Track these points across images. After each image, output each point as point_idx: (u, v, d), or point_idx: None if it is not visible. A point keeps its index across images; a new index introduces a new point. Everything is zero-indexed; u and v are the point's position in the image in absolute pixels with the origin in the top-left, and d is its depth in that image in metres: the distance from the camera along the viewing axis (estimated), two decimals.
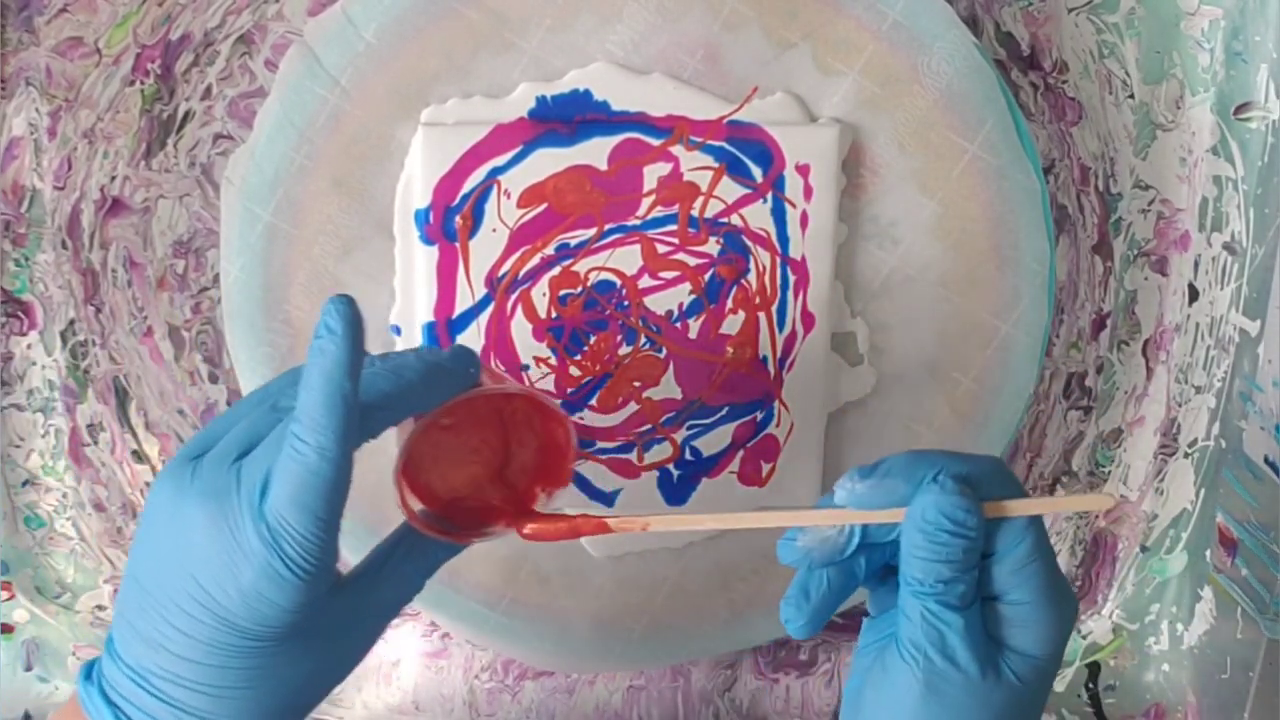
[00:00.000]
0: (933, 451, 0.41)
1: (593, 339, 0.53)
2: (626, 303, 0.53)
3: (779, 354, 0.54)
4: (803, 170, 0.52)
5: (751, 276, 0.53)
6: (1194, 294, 0.58)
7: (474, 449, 0.46)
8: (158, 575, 0.39)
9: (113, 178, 0.54)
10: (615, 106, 0.51)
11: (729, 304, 0.53)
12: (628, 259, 0.52)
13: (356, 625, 0.42)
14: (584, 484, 0.55)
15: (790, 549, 0.40)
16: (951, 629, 0.38)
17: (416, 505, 0.43)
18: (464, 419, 0.45)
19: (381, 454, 0.55)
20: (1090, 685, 0.63)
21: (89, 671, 0.41)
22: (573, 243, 0.52)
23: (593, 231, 0.52)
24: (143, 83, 0.53)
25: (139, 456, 0.57)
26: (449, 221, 0.51)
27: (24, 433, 0.57)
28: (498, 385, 0.43)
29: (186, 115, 0.54)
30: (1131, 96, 0.56)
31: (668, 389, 0.54)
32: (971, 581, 0.39)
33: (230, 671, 0.39)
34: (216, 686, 0.39)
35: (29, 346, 0.56)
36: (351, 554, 0.56)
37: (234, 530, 0.38)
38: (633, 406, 0.54)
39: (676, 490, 0.55)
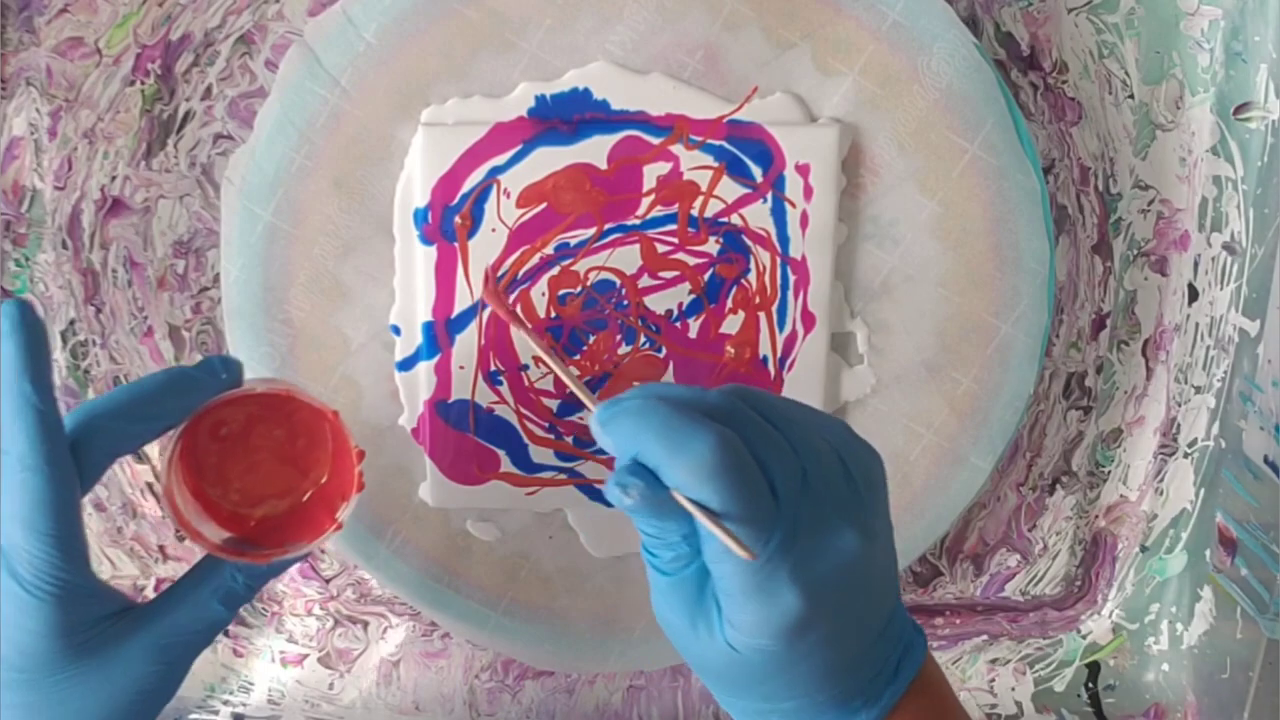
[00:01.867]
0: (650, 416, 0.35)
1: (592, 339, 0.53)
2: (626, 302, 0.53)
3: (779, 354, 0.54)
4: (803, 170, 0.52)
5: (751, 276, 0.53)
6: (1194, 294, 0.58)
7: (252, 456, 0.46)
8: None
9: (113, 178, 0.54)
10: (615, 106, 0.51)
11: (729, 304, 0.53)
12: (627, 259, 0.52)
13: (148, 654, 0.40)
14: (585, 485, 0.55)
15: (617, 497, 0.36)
16: (655, 589, 0.38)
17: (206, 528, 0.43)
18: (232, 429, 0.45)
19: (381, 454, 0.55)
20: (1090, 685, 0.63)
21: None
22: (572, 242, 0.52)
23: (592, 231, 0.52)
24: (143, 83, 0.53)
25: (139, 456, 0.57)
26: (447, 221, 0.51)
27: None
28: (249, 386, 0.43)
29: (187, 115, 0.54)
30: (1131, 96, 0.56)
31: None
32: (674, 553, 0.37)
33: (12, 709, 0.38)
34: None
35: None
36: (356, 555, 0.56)
37: None
38: None
39: None
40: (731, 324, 0.53)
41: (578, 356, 0.53)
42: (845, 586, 0.36)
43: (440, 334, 0.53)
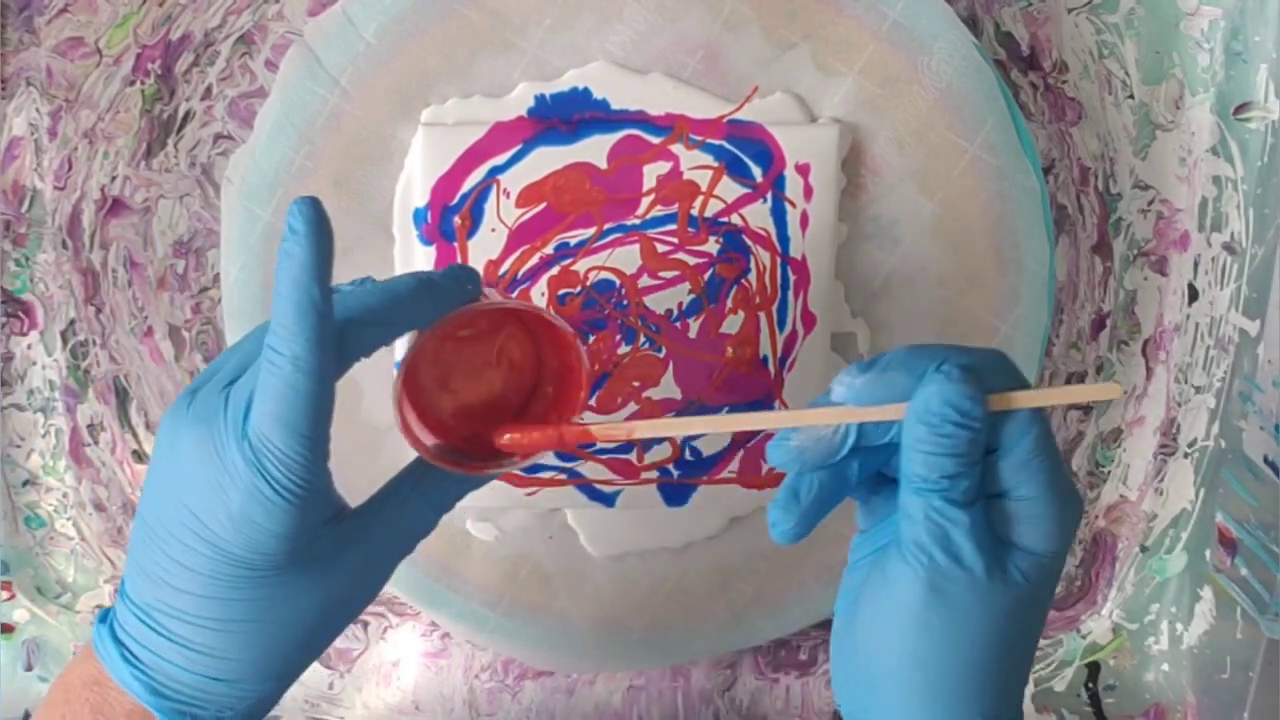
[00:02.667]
0: (932, 345, 0.38)
1: (591, 339, 0.53)
2: (626, 302, 0.53)
3: (779, 354, 0.54)
4: (803, 170, 0.52)
5: (752, 276, 0.53)
6: (1194, 294, 0.58)
7: (480, 371, 0.44)
8: (157, 508, 0.39)
9: (113, 178, 0.54)
10: (615, 105, 0.51)
11: (729, 304, 0.53)
12: (627, 258, 0.52)
13: (363, 559, 0.40)
14: (584, 485, 0.55)
15: (783, 449, 0.38)
16: (956, 526, 0.36)
17: (423, 435, 0.42)
18: (466, 339, 0.44)
19: (380, 454, 0.55)
20: (1090, 685, 0.63)
21: (104, 615, 0.41)
22: (572, 242, 0.52)
23: (592, 231, 0.52)
24: (143, 83, 0.53)
25: (139, 456, 0.57)
26: (446, 221, 0.51)
27: (24, 432, 0.57)
28: (499, 300, 0.42)
29: (187, 115, 0.54)
30: (1131, 96, 0.56)
31: (667, 389, 0.54)
32: (976, 476, 0.36)
33: (231, 604, 0.38)
34: (218, 620, 0.38)
35: (29, 346, 0.56)
36: None
37: (220, 453, 0.37)
38: (632, 406, 0.54)
39: (677, 492, 0.55)
40: (731, 324, 0.53)
41: None
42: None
43: None
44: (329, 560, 0.39)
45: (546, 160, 0.51)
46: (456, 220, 0.51)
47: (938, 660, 0.37)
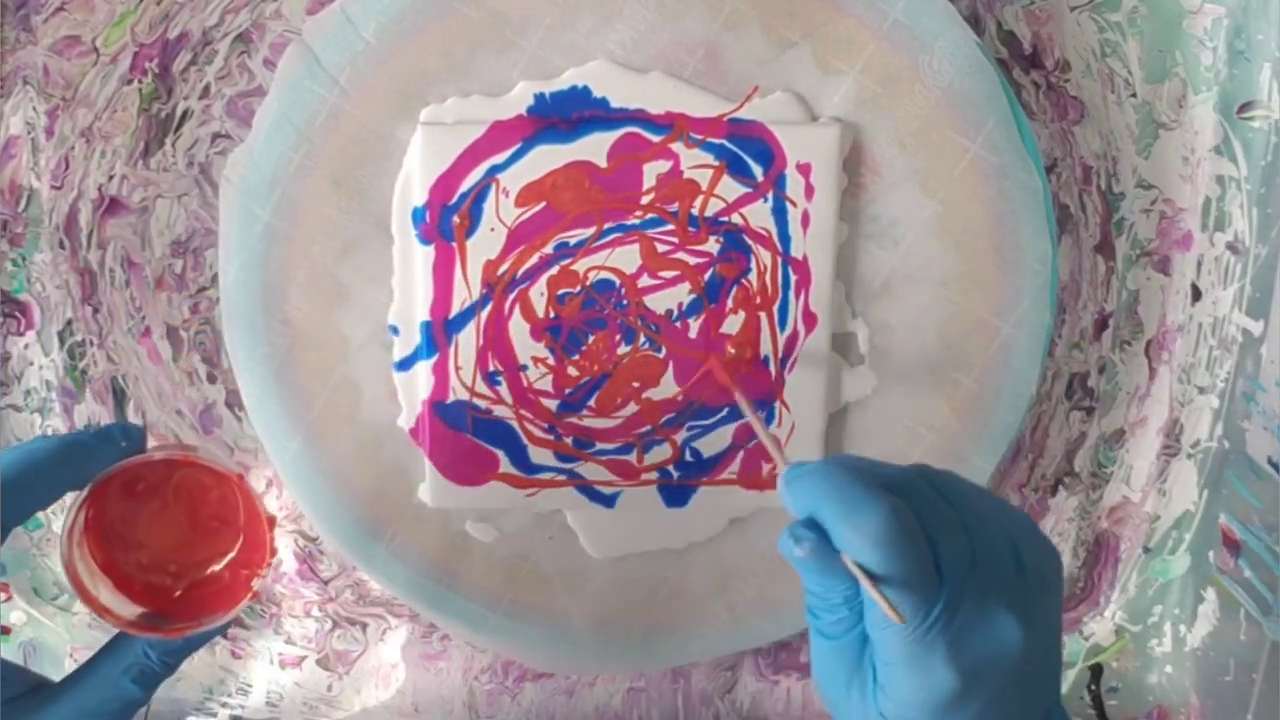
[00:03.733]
0: (830, 486, 0.37)
1: (591, 339, 0.53)
2: (625, 302, 0.53)
3: (780, 354, 0.53)
4: (804, 169, 0.51)
5: (752, 276, 0.53)
6: (1197, 294, 0.58)
7: (166, 528, 0.45)
8: None
9: (110, 177, 0.54)
10: (614, 104, 0.51)
11: (729, 303, 0.53)
12: (627, 258, 0.52)
13: None
14: (584, 486, 0.55)
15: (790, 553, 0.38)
16: (815, 652, 0.38)
17: (115, 602, 0.42)
18: (143, 494, 0.45)
19: (380, 454, 0.55)
20: (1093, 687, 0.63)
21: None
22: (571, 241, 0.52)
23: (591, 230, 0.52)
24: (140, 82, 0.53)
25: None
26: (445, 221, 0.51)
27: (21, 433, 0.57)
28: (153, 452, 0.42)
29: (185, 114, 0.54)
30: (1134, 95, 0.56)
31: (667, 389, 0.53)
32: (836, 615, 0.38)
33: None
34: None
35: (26, 347, 0.56)
36: (355, 556, 0.56)
37: None
38: (632, 407, 0.54)
39: (677, 493, 0.55)
40: (732, 324, 0.53)
41: (576, 356, 0.53)
42: (1001, 673, 0.37)
43: (438, 334, 0.52)
44: None
45: (546, 159, 0.51)
46: (455, 219, 0.51)
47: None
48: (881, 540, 0.36)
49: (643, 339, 0.53)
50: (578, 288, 0.52)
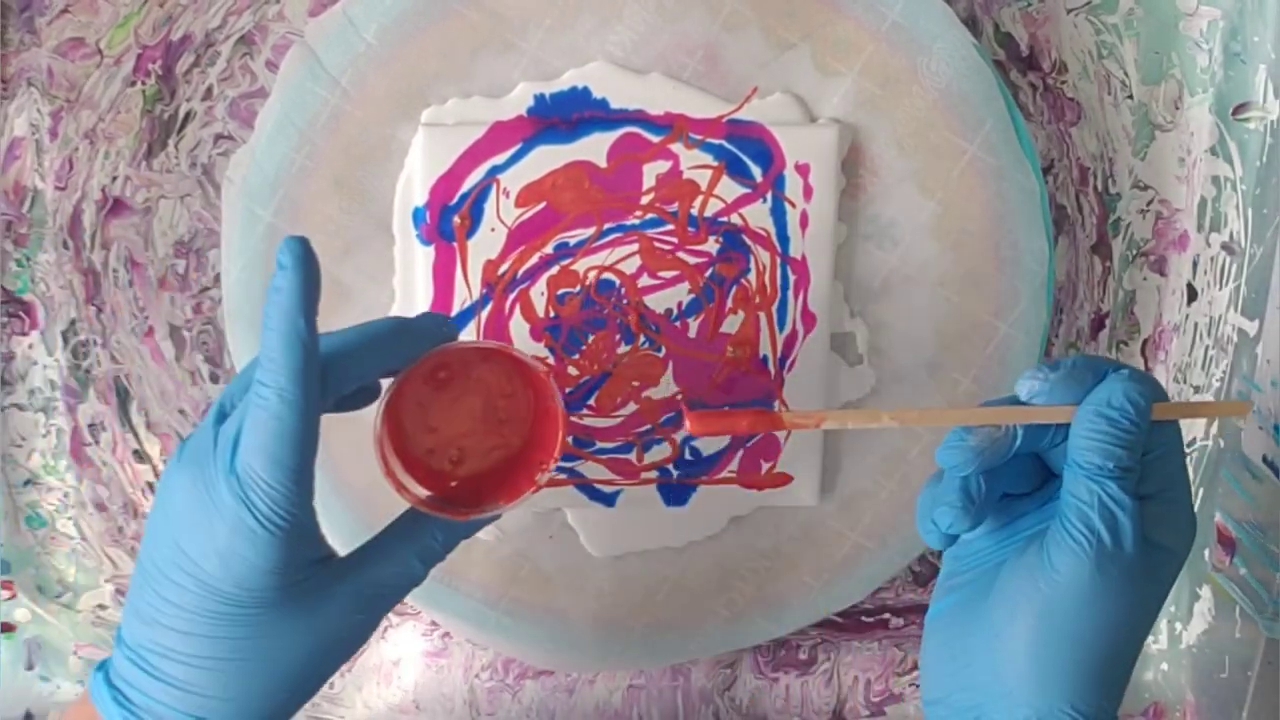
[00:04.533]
0: (1105, 357, 0.44)
1: (590, 338, 0.53)
2: (625, 302, 0.53)
3: (779, 354, 0.54)
4: (802, 170, 0.52)
5: (751, 276, 0.53)
6: (1192, 294, 0.58)
7: (459, 413, 0.46)
8: (151, 548, 0.39)
9: (114, 178, 0.54)
10: (614, 105, 0.51)
11: (729, 303, 0.53)
12: (627, 258, 0.52)
13: (349, 604, 0.41)
14: (584, 485, 0.55)
15: (959, 450, 0.40)
16: (1125, 512, 0.39)
17: (409, 483, 0.43)
18: (443, 382, 0.45)
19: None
20: None
21: (101, 665, 0.41)
22: (571, 242, 0.52)
23: (591, 230, 0.52)
24: (144, 83, 0.53)
25: (140, 456, 0.57)
26: (446, 221, 0.51)
27: (25, 432, 0.57)
28: (472, 341, 0.43)
29: (188, 116, 0.54)
30: (1130, 97, 0.56)
31: (667, 389, 0.54)
32: (1138, 474, 0.39)
33: (219, 642, 0.38)
34: (207, 659, 0.39)
35: (30, 346, 0.56)
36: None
37: (209, 489, 0.38)
38: (632, 406, 0.54)
39: (676, 492, 0.55)
40: (731, 324, 0.53)
41: (576, 356, 0.53)
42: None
43: None
44: (315, 603, 0.40)
45: (546, 159, 0.51)
46: (456, 220, 0.51)
47: (1090, 639, 0.39)
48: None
49: (642, 339, 0.53)
50: (578, 288, 0.53)
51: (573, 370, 0.53)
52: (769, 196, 0.52)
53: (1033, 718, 0.40)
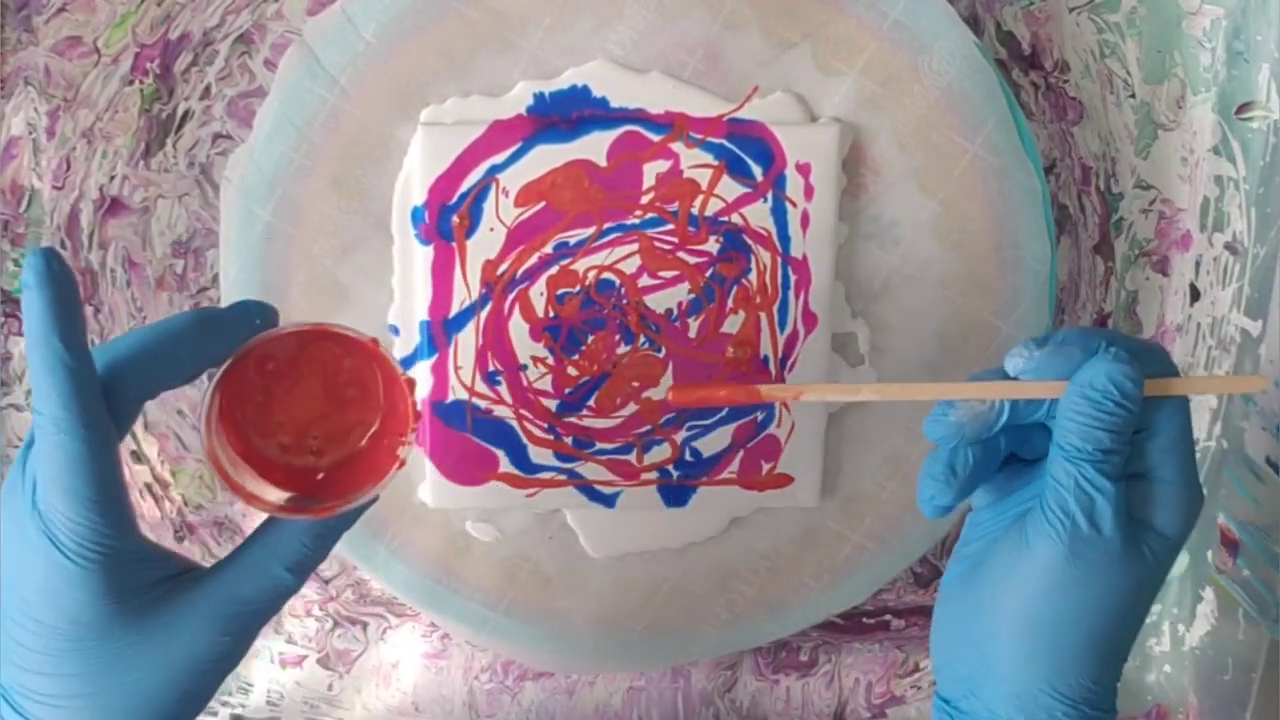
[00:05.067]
0: (1102, 329, 0.41)
1: (590, 338, 0.53)
2: (625, 302, 0.53)
3: (780, 354, 0.54)
4: (803, 169, 0.52)
5: (752, 276, 0.53)
6: (1195, 294, 0.58)
7: (302, 402, 0.43)
8: (2, 585, 0.38)
9: (111, 177, 0.54)
10: (614, 103, 0.51)
11: (729, 303, 0.53)
12: (627, 258, 0.52)
13: (209, 623, 0.38)
14: (584, 486, 0.55)
15: (943, 424, 0.39)
16: (1104, 496, 0.38)
17: (257, 486, 0.40)
18: (274, 373, 0.42)
19: None
20: None
21: None
22: (571, 241, 0.52)
23: (591, 230, 0.52)
24: (142, 82, 0.53)
25: (137, 457, 0.57)
26: (445, 221, 0.51)
27: (23, 433, 0.57)
28: (282, 328, 0.40)
29: (185, 115, 0.54)
30: (1133, 96, 0.56)
31: (667, 389, 0.54)
32: (1125, 455, 0.39)
33: (68, 679, 0.37)
34: (60, 696, 0.37)
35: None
36: (355, 556, 0.56)
37: (22, 526, 0.36)
38: (632, 407, 0.54)
39: (676, 493, 0.55)
40: (732, 324, 0.53)
41: (576, 356, 0.53)
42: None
43: (438, 334, 0.52)
44: (165, 626, 0.38)
45: (545, 158, 0.51)
46: (455, 219, 0.51)
47: (1069, 621, 0.39)
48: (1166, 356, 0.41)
49: (642, 339, 0.53)
50: (577, 287, 0.52)
51: (572, 370, 0.53)
52: (770, 196, 0.52)
53: (1014, 696, 0.40)
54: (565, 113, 0.51)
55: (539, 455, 0.54)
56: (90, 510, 0.35)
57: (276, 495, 0.40)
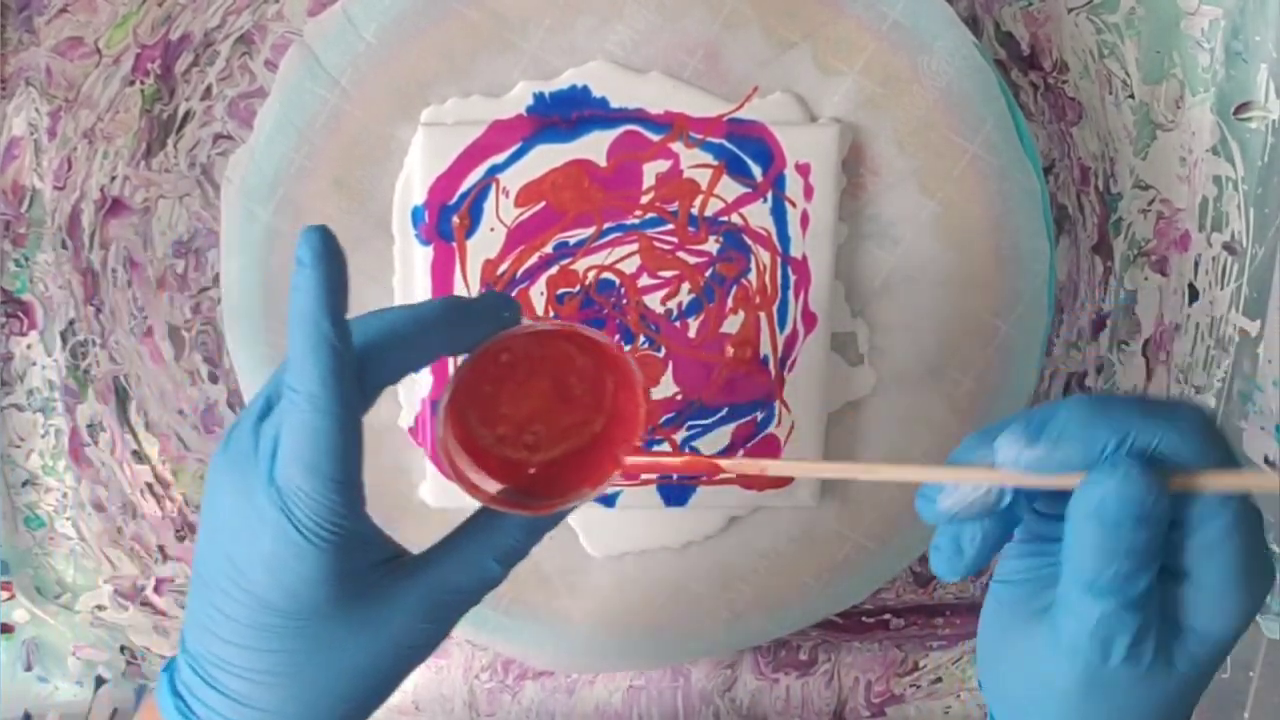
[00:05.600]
0: (1116, 403, 0.33)
1: None
2: (625, 302, 0.53)
3: (780, 354, 0.54)
4: (803, 169, 0.52)
5: (752, 276, 0.53)
6: (1194, 294, 0.58)
7: (529, 399, 0.42)
8: (203, 555, 0.37)
9: (113, 178, 0.54)
10: (614, 103, 0.51)
11: (729, 303, 0.53)
12: (627, 258, 0.52)
13: (416, 611, 0.38)
14: None
15: (927, 508, 0.35)
16: (1126, 630, 0.33)
17: (480, 479, 0.40)
18: (507, 366, 0.41)
19: (381, 454, 0.55)
20: None
21: (168, 665, 0.40)
22: (571, 241, 0.52)
23: (591, 230, 0.52)
24: (143, 83, 0.53)
25: (139, 457, 0.57)
26: (444, 221, 0.51)
27: (24, 433, 0.57)
28: (539, 323, 0.39)
29: (186, 115, 0.54)
30: (1131, 96, 0.56)
31: (667, 389, 0.54)
32: (1154, 571, 0.33)
33: (273, 655, 0.36)
34: (263, 673, 0.37)
35: (29, 346, 0.56)
36: None
37: (251, 497, 0.35)
38: None
39: (676, 492, 0.55)
40: (732, 324, 0.53)
41: None
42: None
43: None
44: (377, 612, 0.37)
45: (545, 158, 0.51)
46: (455, 219, 0.51)
47: None
48: (1208, 427, 0.33)
49: (642, 339, 0.53)
50: (577, 287, 0.53)
51: None
52: (769, 196, 0.52)
53: None
54: (565, 113, 0.51)
55: None
56: (333, 490, 0.35)
57: (493, 486, 0.40)
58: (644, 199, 0.52)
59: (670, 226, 0.52)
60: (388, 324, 0.37)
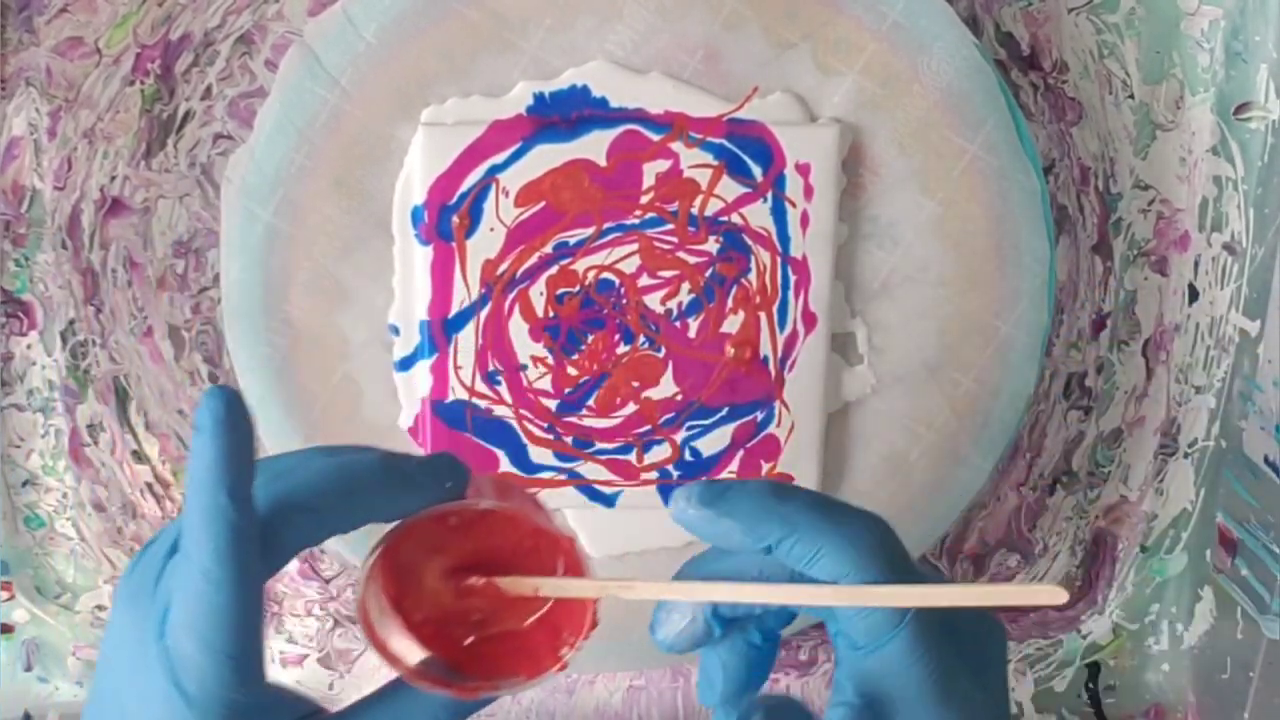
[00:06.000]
0: (796, 500, 0.34)
1: (590, 338, 0.53)
2: (625, 301, 0.53)
3: (780, 354, 0.54)
4: (803, 170, 0.52)
5: (752, 275, 0.53)
6: (1194, 294, 0.58)
7: (469, 576, 0.38)
8: (99, 680, 0.35)
9: (113, 178, 0.54)
10: (614, 103, 0.51)
11: (729, 303, 0.53)
12: (626, 258, 0.52)
13: None
14: (584, 486, 0.55)
15: (655, 635, 0.36)
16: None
17: (405, 647, 0.36)
18: (455, 533, 0.37)
19: (383, 446, 0.55)
20: (1090, 685, 0.63)
21: None
22: (571, 241, 0.52)
23: (591, 230, 0.52)
24: (143, 83, 0.53)
25: (139, 457, 0.57)
26: (444, 221, 0.51)
27: (24, 433, 0.57)
28: (471, 502, 0.36)
29: (186, 115, 0.54)
30: (1131, 96, 0.56)
31: (667, 389, 0.54)
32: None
33: None
34: None
35: (29, 346, 0.56)
36: (356, 556, 0.56)
37: (145, 648, 0.33)
38: (631, 407, 0.54)
39: None
40: (731, 323, 0.53)
41: (576, 356, 0.53)
42: None
43: (437, 334, 0.53)
44: None
45: (545, 158, 0.51)
46: (455, 219, 0.51)
47: None
48: (872, 543, 0.33)
49: (642, 339, 0.53)
50: (577, 287, 0.53)
51: (572, 370, 0.53)
52: (769, 196, 0.52)
53: None
54: (565, 113, 0.51)
55: (539, 455, 0.54)
56: (224, 665, 0.32)
57: (417, 655, 0.36)
58: (644, 199, 0.52)
59: (670, 226, 0.52)
60: (310, 480, 0.34)
